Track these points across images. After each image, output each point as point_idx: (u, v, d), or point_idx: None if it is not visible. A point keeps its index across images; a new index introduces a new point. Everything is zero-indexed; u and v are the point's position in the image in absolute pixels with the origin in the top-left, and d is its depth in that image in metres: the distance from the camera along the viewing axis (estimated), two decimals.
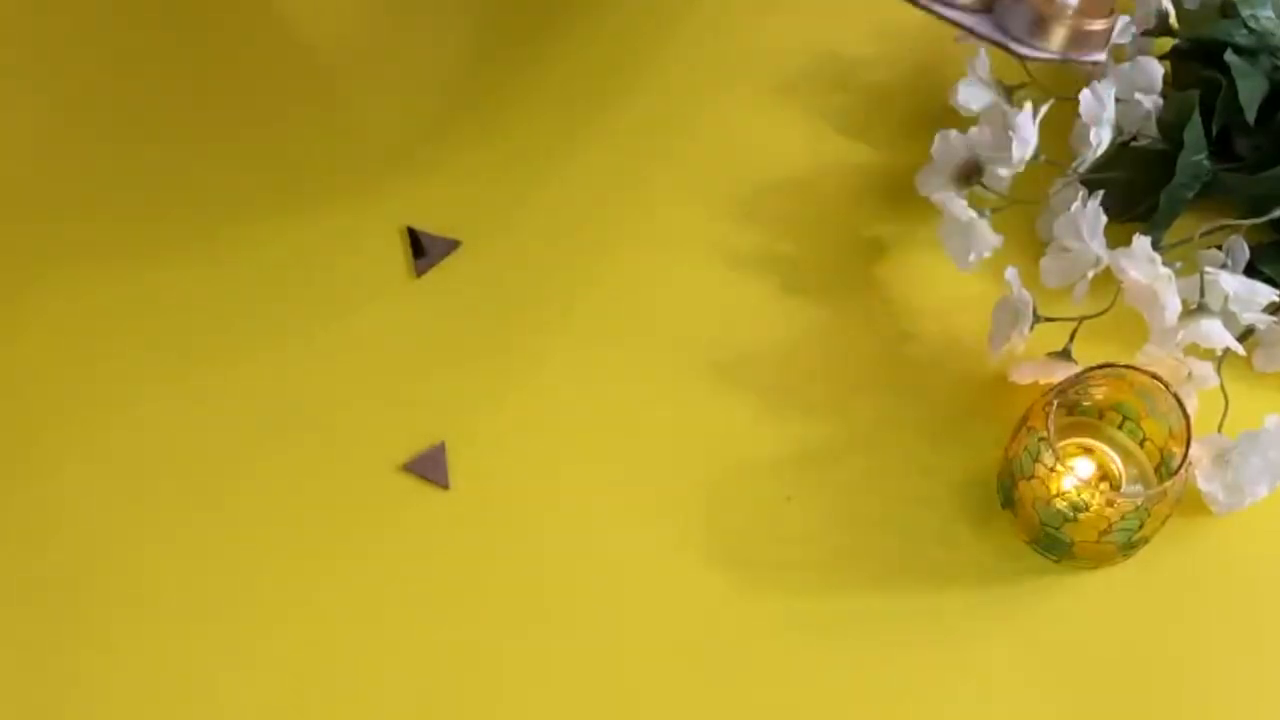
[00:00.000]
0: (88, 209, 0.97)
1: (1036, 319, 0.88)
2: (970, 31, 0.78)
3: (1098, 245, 0.87)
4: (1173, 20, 0.96)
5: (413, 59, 1.00)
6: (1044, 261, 0.90)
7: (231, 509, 0.88)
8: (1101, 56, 0.78)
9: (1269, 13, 0.93)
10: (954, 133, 0.92)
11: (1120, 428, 0.88)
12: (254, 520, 0.88)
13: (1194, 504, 0.87)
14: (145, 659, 0.84)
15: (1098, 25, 0.77)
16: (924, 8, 0.78)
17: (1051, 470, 0.83)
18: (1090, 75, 0.94)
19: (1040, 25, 0.77)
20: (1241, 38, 0.93)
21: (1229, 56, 0.92)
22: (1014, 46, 0.77)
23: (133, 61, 1.02)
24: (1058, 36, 0.77)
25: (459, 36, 1.04)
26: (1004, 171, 0.90)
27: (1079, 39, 0.77)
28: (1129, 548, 0.85)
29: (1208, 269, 0.86)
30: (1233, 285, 0.86)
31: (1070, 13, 0.77)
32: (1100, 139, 0.90)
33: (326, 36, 1.02)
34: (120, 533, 0.87)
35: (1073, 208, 0.87)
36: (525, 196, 0.97)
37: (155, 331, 0.93)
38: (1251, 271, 0.90)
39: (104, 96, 1.00)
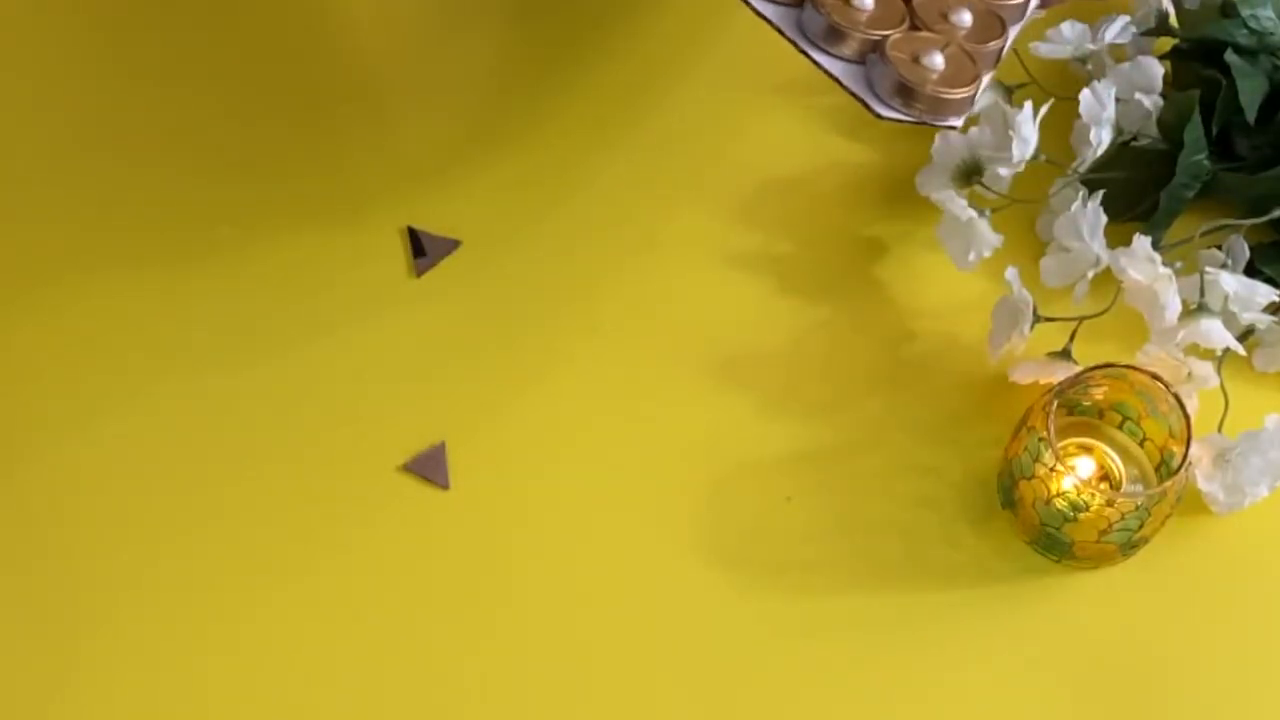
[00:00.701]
0: (91, 213, 0.97)
1: (1036, 319, 0.88)
2: (837, 82, 0.80)
3: (1098, 245, 0.87)
4: (1173, 20, 0.96)
5: (413, 62, 0.99)
6: (1044, 261, 0.90)
7: (232, 508, 0.88)
8: (958, 122, 0.80)
9: (1269, 13, 0.93)
10: (954, 133, 0.92)
11: (1120, 428, 0.88)
12: (254, 519, 0.87)
13: (1194, 504, 0.87)
14: (145, 657, 0.84)
15: (958, 94, 0.79)
16: (802, 51, 0.80)
17: (1051, 470, 0.83)
18: (1090, 75, 0.94)
19: (903, 90, 0.79)
20: (1242, 38, 0.93)
21: (1229, 56, 0.92)
22: (874, 106, 0.79)
23: (136, 69, 1.02)
24: (919, 102, 0.79)
25: (460, 41, 1.04)
26: (1004, 171, 0.90)
27: (939, 105, 0.79)
28: (1129, 548, 0.85)
29: (1208, 269, 0.86)
30: (1233, 285, 0.86)
31: (933, 80, 0.79)
32: (1100, 139, 0.90)
33: (331, 41, 1.02)
34: (122, 532, 0.87)
35: (1073, 208, 0.87)
36: (525, 196, 0.97)
37: (155, 332, 0.93)
38: (1251, 271, 0.90)
39: (105, 104, 1.00)
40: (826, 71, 0.79)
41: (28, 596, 0.86)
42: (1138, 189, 0.92)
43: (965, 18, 0.82)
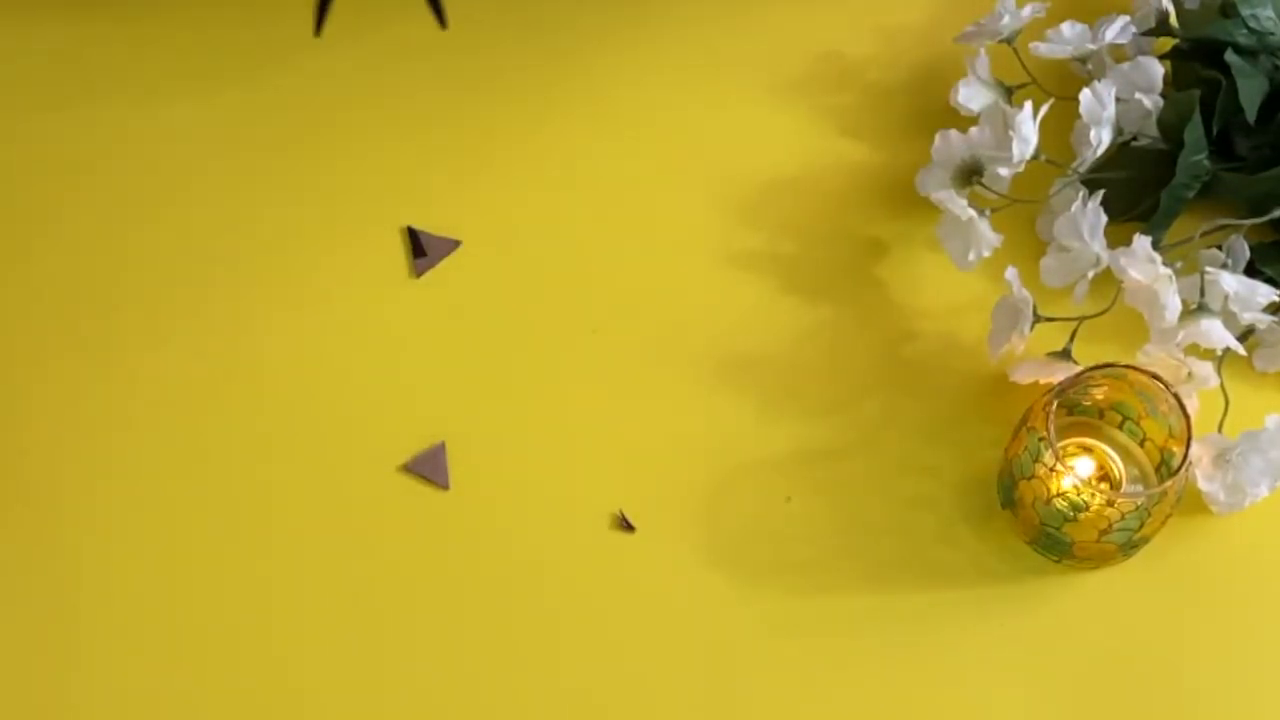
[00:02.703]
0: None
1: (1036, 319, 0.88)
2: None
3: (1098, 245, 0.87)
4: (1173, 20, 0.96)
5: (414, 62, 0.99)
6: (1044, 261, 0.90)
7: (232, 508, 0.88)
8: None
9: (1269, 13, 0.93)
10: (954, 133, 0.92)
11: (1120, 428, 0.88)
12: (254, 519, 0.88)
13: (1194, 504, 0.87)
14: (145, 656, 0.84)
15: None
16: None
17: (1051, 470, 0.83)
18: (1090, 75, 0.94)
19: None
20: (1242, 38, 0.93)
21: (1229, 56, 0.92)
22: None
23: (136, 65, 1.02)
24: None
25: (462, 37, 1.04)
26: (1004, 171, 0.90)
27: None
28: (1129, 548, 0.85)
29: (1208, 269, 0.86)
30: (1233, 285, 0.86)
31: None
32: (1100, 139, 0.90)
33: (328, 36, 1.01)
34: (121, 531, 0.87)
35: (1073, 208, 0.87)
36: (525, 196, 0.97)
37: (155, 331, 0.93)
38: (1251, 271, 0.90)
39: (107, 102, 1.00)
40: None
41: (24, 597, 0.86)
42: (1138, 189, 0.92)
43: None
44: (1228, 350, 0.86)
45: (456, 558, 0.87)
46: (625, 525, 0.87)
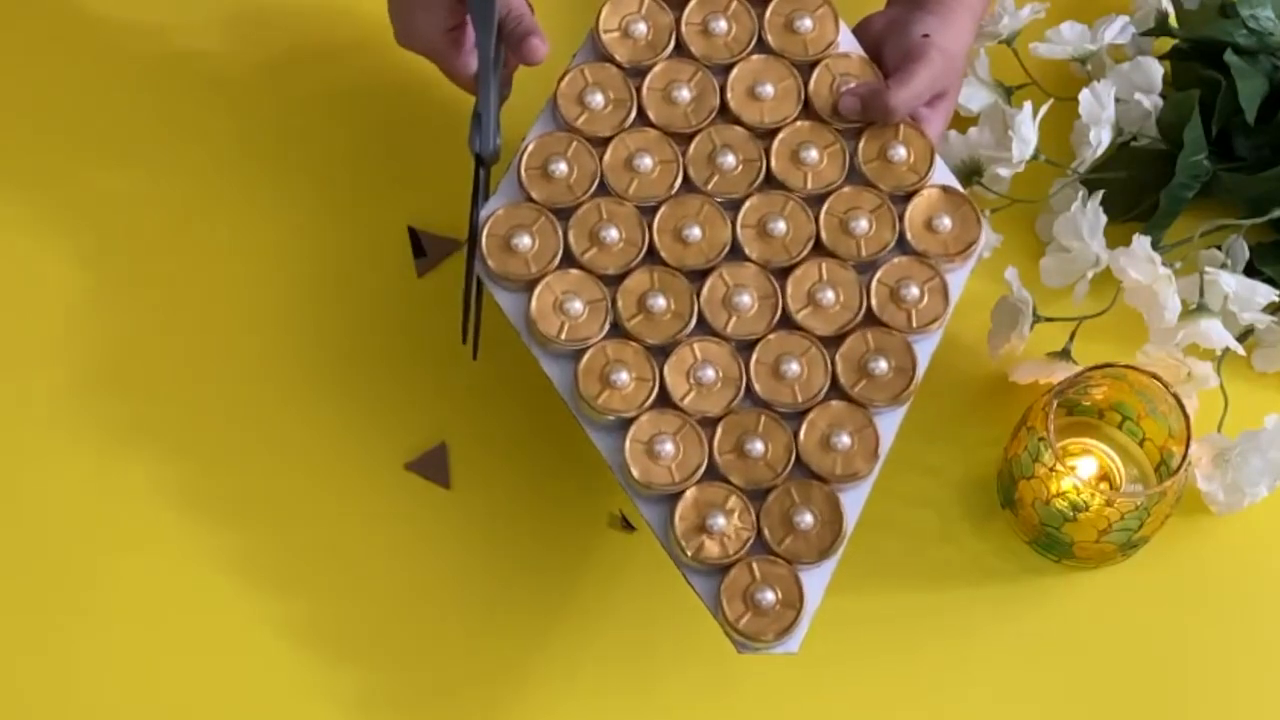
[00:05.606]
0: (93, 215, 0.97)
1: (1036, 319, 0.88)
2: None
3: (1098, 245, 0.87)
4: (1173, 20, 0.96)
5: (415, 63, 0.99)
6: (1044, 261, 0.90)
7: (233, 509, 0.88)
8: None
9: (1269, 13, 0.93)
10: (954, 133, 0.92)
11: (1120, 428, 0.88)
12: (255, 519, 0.88)
13: (1194, 504, 0.87)
14: (146, 653, 0.85)
15: None
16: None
17: (1051, 470, 0.83)
18: (1089, 75, 0.94)
19: None
20: (1241, 38, 0.93)
21: (1229, 56, 0.92)
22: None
23: (134, 71, 1.02)
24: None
25: None
26: (1004, 171, 0.90)
27: None
28: (1129, 547, 0.85)
29: (1208, 269, 0.86)
30: (1232, 285, 0.86)
31: None
32: (1100, 139, 0.90)
33: (327, 34, 1.02)
34: (126, 531, 0.87)
35: (1073, 208, 0.87)
36: None
37: (154, 334, 0.93)
38: (1251, 271, 0.90)
39: (109, 108, 1.00)
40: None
41: (26, 603, 0.86)
42: (1138, 189, 0.92)
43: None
44: (1227, 350, 0.86)
45: (457, 557, 0.87)
46: (625, 525, 0.88)
